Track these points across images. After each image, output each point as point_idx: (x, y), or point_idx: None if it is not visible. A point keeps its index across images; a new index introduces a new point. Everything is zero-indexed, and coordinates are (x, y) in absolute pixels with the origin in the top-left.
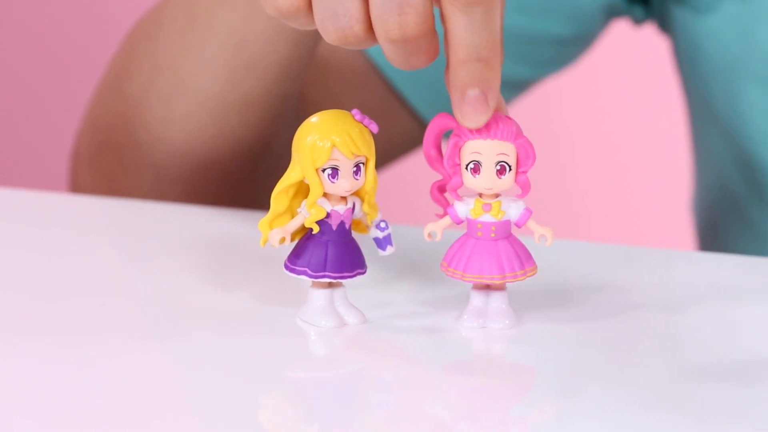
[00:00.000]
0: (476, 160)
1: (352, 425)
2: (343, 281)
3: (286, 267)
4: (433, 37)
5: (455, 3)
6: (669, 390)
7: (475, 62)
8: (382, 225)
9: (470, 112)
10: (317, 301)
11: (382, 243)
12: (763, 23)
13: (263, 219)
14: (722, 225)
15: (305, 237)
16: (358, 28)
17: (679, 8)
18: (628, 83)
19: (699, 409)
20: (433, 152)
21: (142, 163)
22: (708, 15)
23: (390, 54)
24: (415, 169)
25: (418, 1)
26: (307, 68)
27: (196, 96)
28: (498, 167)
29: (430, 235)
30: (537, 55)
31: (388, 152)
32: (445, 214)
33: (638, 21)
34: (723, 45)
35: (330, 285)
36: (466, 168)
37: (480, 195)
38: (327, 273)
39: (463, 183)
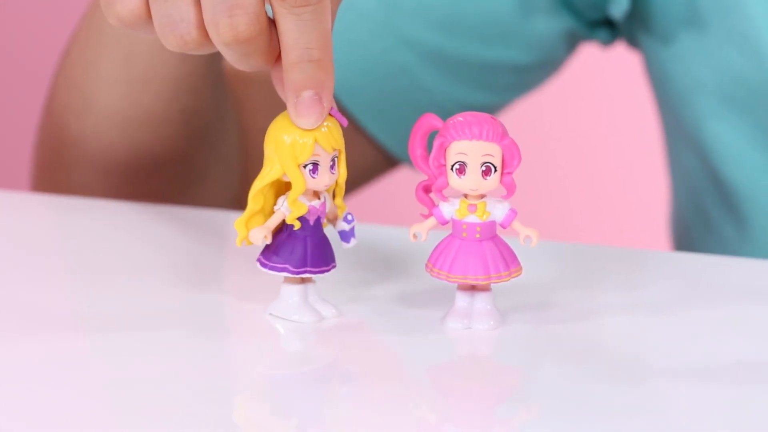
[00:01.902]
0: (462, 160)
1: (339, 423)
2: (314, 276)
3: (262, 264)
4: (269, 38)
5: (284, 4)
6: (656, 391)
7: (307, 63)
8: (349, 217)
9: (305, 114)
10: (292, 297)
11: (347, 235)
12: (726, 49)
13: (239, 218)
14: (698, 244)
15: (283, 233)
16: (195, 33)
17: (645, 35)
18: (617, 84)
19: (688, 412)
20: (419, 152)
21: (71, 182)
22: (672, 43)
23: (227, 56)
24: (400, 169)
25: (248, 3)
26: (212, 83)
27: (102, 113)
28: (483, 168)
29: (415, 235)
30: (498, 82)
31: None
32: (431, 214)
33: (606, 43)
34: (689, 69)
35: (302, 280)
36: (452, 169)
37: (465, 196)
38: (308, 268)
39: (448, 183)
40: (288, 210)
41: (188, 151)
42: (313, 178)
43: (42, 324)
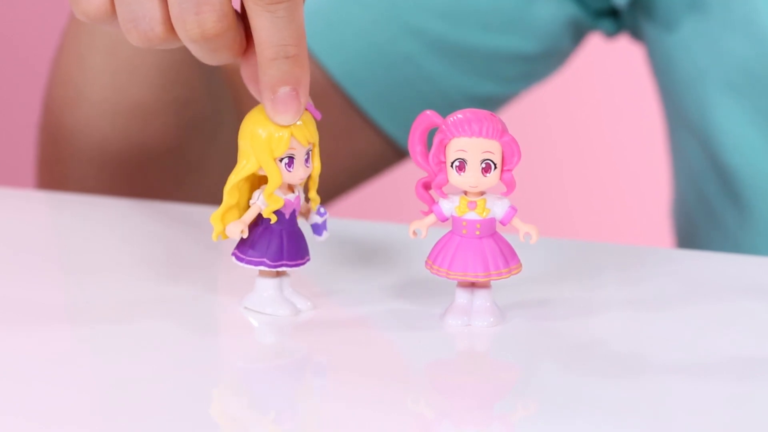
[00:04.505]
0: (461, 157)
1: (338, 419)
2: (289, 270)
3: (238, 258)
4: (236, 33)
5: (258, 2)
6: (655, 387)
7: (283, 59)
8: (322, 210)
9: (283, 110)
10: (267, 291)
11: (319, 228)
12: (729, 34)
13: (215, 213)
14: (700, 232)
15: (259, 227)
16: (159, 29)
17: (649, 23)
18: (616, 80)
19: (688, 408)
20: (419, 149)
21: (69, 175)
22: (675, 30)
23: (195, 52)
24: (400, 166)
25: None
26: (204, 74)
27: (92, 104)
28: (483, 165)
29: (414, 232)
30: (504, 71)
31: (355, 172)
32: (430, 211)
33: (610, 34)
34: (692, 56)
35: (278, 274)
36: (452, 165)
37: (465, 193)
38: (284, 262)
39: (448, 180)
40: (264, 204)
41: (182, 142)
42: (289, 171)
43: (20, 318)
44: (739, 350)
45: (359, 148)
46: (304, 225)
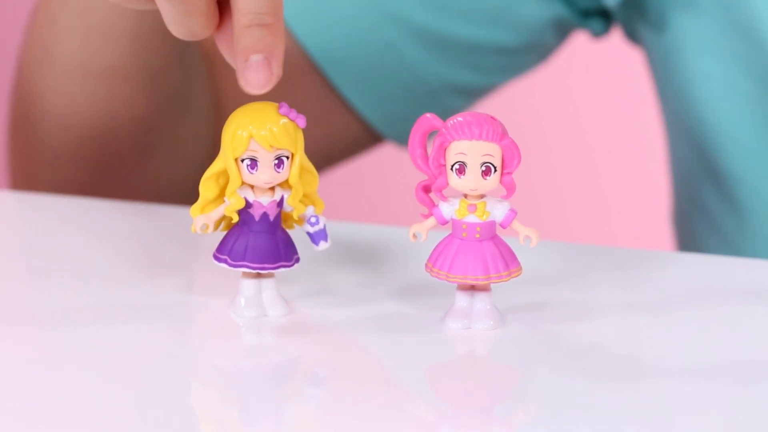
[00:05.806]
0: (461, 160)
1: (338, 423)
2: (277, 273)
3: (213, 255)
4: (211, 1)
5: None
6: (655, 391)
7: (257, 27)
8: (313, 220)
9: (254, 78)
10: (244, 291)
11: (314, 238)
12: (725, 36)
13: (194, 205)
14: (698, 238)
15: (234, 226)
16: None
17: (644, 25)
18: (617, 85)
19: (687, 411)
20: (419, 152)
21: (36, 138)
22: (670, 31)
23: (167, 16)
24: (400, 169)
25: None
26: (177, 44)
27: (61, 65)
28: (483, 168)
29: (414, 235)
30: (485, 63)
31: (329, 153)
32: (430, 214)
33: (597, 34)
34: (688, 58)
35: (259, 275)
36: (452, 169)
37: (465, 196)
38: (246, 263)
39: (448, 183)
40: (228, 202)
41: (152, 112)
42: (251, 173)
43: (9, 321)
44: (740, 353)
45: (335, 130)
46: (297, 231)
